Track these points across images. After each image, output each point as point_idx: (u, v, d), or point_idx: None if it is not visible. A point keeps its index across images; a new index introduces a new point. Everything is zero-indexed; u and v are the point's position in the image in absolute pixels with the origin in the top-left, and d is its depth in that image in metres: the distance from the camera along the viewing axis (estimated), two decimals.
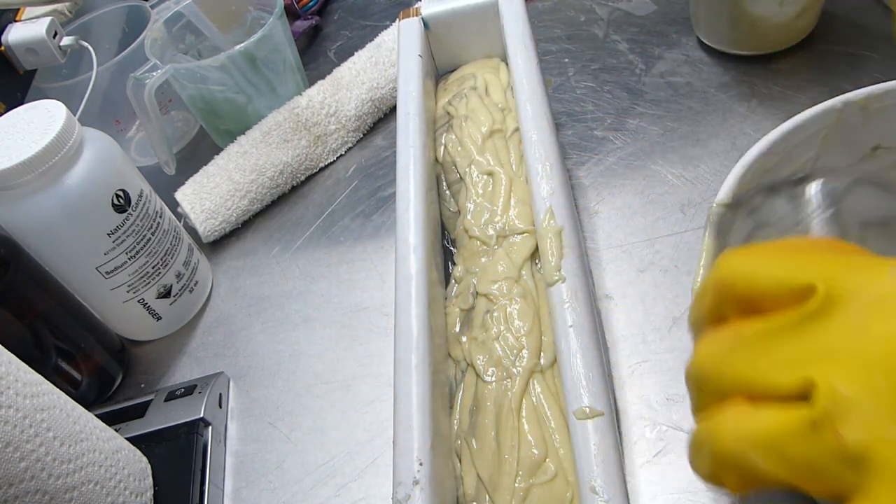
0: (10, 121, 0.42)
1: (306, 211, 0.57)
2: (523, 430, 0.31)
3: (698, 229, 0.45)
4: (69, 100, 0.48)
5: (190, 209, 0.55)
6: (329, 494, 0.40)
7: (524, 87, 0.42)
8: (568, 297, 0.32)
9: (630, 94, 0.56)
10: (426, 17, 0.49)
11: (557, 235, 0.34)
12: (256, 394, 0.46)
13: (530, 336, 0.33)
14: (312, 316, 0.49)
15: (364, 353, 0.46)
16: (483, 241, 0.38)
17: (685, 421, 0.37)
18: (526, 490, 0.29)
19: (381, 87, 0.61)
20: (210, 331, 0.51)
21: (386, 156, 0.59)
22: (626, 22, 0.63)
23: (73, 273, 0.45)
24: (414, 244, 0.36)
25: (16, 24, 0.54)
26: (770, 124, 0.50)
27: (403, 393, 0.31)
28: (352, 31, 0.74)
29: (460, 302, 0.37)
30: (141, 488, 0.38)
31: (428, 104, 0.45)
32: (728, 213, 0.32)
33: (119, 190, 0.44)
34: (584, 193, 0.50)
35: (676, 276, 0.44)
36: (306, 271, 0.53)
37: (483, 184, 0.41)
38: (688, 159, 0.50)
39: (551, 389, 0.32)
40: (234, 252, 0.56)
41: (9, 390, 0.31)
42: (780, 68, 0.54)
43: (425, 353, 0.32)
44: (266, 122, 0.59)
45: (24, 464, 0.31)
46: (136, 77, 0.55)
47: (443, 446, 0.31)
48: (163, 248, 0.47)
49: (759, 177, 0.33)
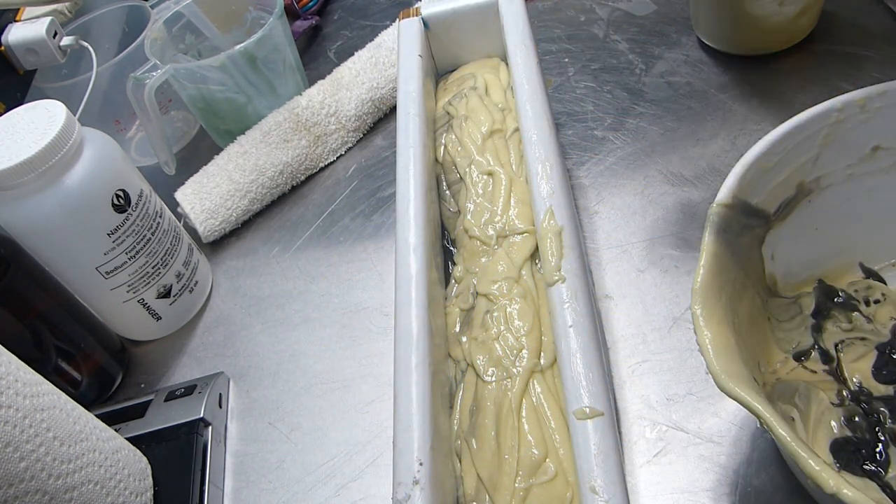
0: (10, 121, 0.42)
1: (306, 211, 0.57)
2: (523, 430, 0.31)
3: (698, 229, 0.45)
4: (69, 100, 0.48)
5: (190, 209, 0.55)
6: (329, 494, 0.40)
7: (524, 87, 0.42)
8: (568, 297, 0.32)
9: (630, 94, 0.56)
10: (426, 17, 0.49)
11: (557, 235, 0.34)
12: (256, 394, 0.46)
13: (530, 336, 0.33)
14: (312, 316, 0.49)
15: (364, 353, 0.46)
16: (483, 241, 0.38)
17: (685, 421, 0.37)
18: (526, 490, 0.29)
19: (381, 87, 0.61)
20: (210, 331, 0.51)
21: (386, 156, 0.59)
22: (626, 22, 0.63)
23: (73, 273, 0.45)
24: (414, 244, 0.36)
25: (16, 24, 0.54)
26: (770, 124, 0.50)
27: (403, 393, 0.31)
28: (352, 31, 0.74)
29: (460, 302, 0.37)
30: (141, 488, 0.38)
31: (428, 104, 0.45)
32: (728, 212, 0.32)
33: (119, 190, 0.44)
34: (584, 193, 0.50)
35: (676, 276, 0.44)
36: (306, 271, 0.53)
37: (483, 184, 0.41)
38: (688, 159, 0.50)
39: (551, 389, 0.32)
40: (234, 252, 0.56)
41: (9, 390, 0.31)
42: (780, 68, 0.54)
43: (425, 353, 0.32)
44: (266, 122, 0.59)
45: (24, 464, 0.31)
46: (136, 77, 0.55)
47: (443, 446, 0.31)
48: (163, 248, 0.47)
49: (759, 177, 0.33)
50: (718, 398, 0.37)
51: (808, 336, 0.35)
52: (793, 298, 0.37)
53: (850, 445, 0.31)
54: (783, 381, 0.33)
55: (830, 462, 0.30)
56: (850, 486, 0.23)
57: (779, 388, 0.33)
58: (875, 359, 0.34)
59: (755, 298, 0.34)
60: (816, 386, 0.33)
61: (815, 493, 0.30)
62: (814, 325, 0.36)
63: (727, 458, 0.35)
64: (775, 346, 0.35)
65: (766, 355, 0.34)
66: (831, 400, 0.32)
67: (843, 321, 0.36)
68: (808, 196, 0.36)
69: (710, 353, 0.27)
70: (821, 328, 0.36)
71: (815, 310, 0.36)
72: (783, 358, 0.35)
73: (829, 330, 0.36)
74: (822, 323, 0.36)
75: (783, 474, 0.34)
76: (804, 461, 0.24)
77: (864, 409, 0.32)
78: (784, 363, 0.35)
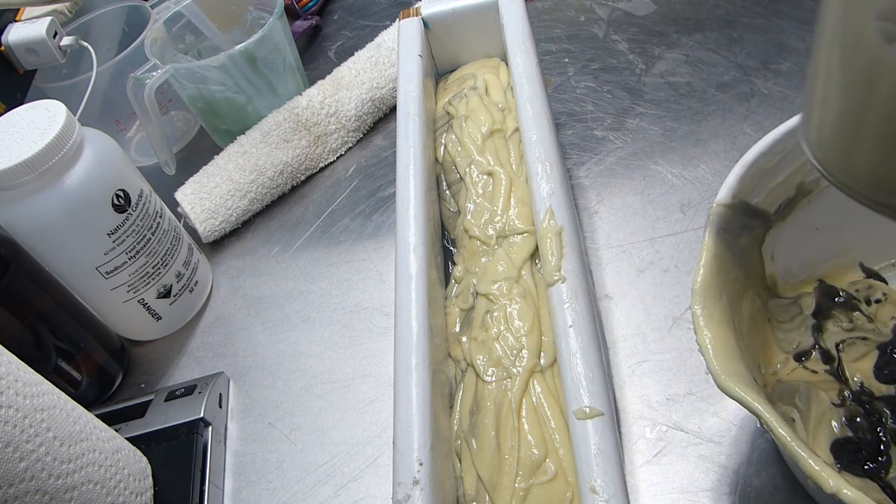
0: (10, 121, 0.42)
1: (306, 211, 0.57)
2: (523, 431, 0.31)
3: (698, 229, 0.45)
4: (69, 100, 0.48)
5: (190, 209, 0.55)
6: (329, 494, 0.40)
7: (524, 87, 0.42)
8: (568, 297, 0.32)
9: (630, 94, 0.56)
10: (426, 17, 0.49)
11: (557, 235, 0.34)
12: (256, 394, 0.46)
13: (530, 336, 0.33)
14: (312, 316, 0.49)
15: (364, 353, 0.46)
16: (483, 241, 0.38)
17: (685, 421, 0.37)
18: (526, 490, 0.29)
19: (381, 87, 0.61)
20: (210, 331, 0.51)
21: (386, 156, 0.59)
22: (626, 22, 0.63)
23: (73, 273, 0.45)
24: (414, 244, 0.36)
25: (16, 24, 0.54)
26: (770, 124, 0.49)
27: (403, 393, 0.31)
28: (352, 31, 0.74)
29: (460, 302, 0.37)
30: (141, 488, 0.38)
31: (428, 104, 0.45)
32: (728, 212, 0.32)
33: (119, 190, 0.44)
34: (584, 193, 0.50)
35: (676, 276, 0.43)
36: (306, 271, 0.53)
37: (483, 184, 0.41)
38: (688, 159, 0.50)
39: (551, 389, 0.32)
40: (234, 252, 0.56)
41: (9, 390, 0.31)
42: (780, 68, 0.54)
43: (425, 353, 0.32)
44: (266, 122, 0.59)
45: (24, 464, 0.31)
46: (136, 77, 0.55)
47: (443, 446, 0.31)
48: (163, 248, 0.47)
49: (758, 177, 0.33)
50: (718, 398, 0.37)
51: (809, 336, 0.35)
52: (793, 299, 0.37)
53: (851, 446, 0.31)
54: (784, 382, 0.33)
55: (831, 462, 0.30)
56: (850, 486, 0.23)
57: (779, 388, 0.33)
58: (876, 358, 0.34)
59: (755, 299, 0.34)
60: (817, 386, 0.33)
61: (815, 493, 0.30)
62: (814, 325, 0.36)
63: (727, 458, 0.35)
64: (776, 346, 0.35)
65: (766, 356, 0.34)
66: (832, 400, 0.32)
67: (844, 321, 0.36)
68: (808, 196, 0.36)
69: (710, 353, 0.27)
70: (821, 328, 0.36)
71: (815, 310, 0.36)
72: (784, 359, 0.35)
73: (829, 330, 0.36)
74: (823, 323, 0.36)
75: (783, 474, 0.34)
76: (804, 461, 0.24)
77: (866, 409, 0.32)
78: (785, 364, 0.35)
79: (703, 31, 0.60)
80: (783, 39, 0.57)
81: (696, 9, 0.62)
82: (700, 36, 0.59)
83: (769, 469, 0.35)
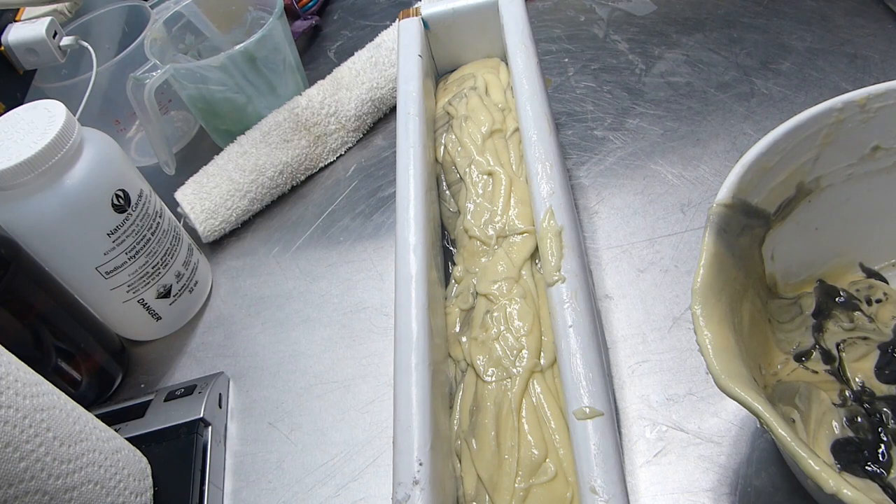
0: (10, 121, 0.42)
1: (306, 211, 0.57)
2: (523, 431, 0.31)
3: (698, 229, 0.45)
4: (69, 100, 0.48)
5: (190, 209, 0.55)
6: (329, 494, 0.40)
7: (524, 87, 0.42)
8: (568, 297, 0.32)
9: (630, 94, 0.56)
10: (426, 17, 0.49)
11: (557, 235, 0.34)
12: (256, 394, 0.46)
13: (530, 336, 0.33)
14: (312, 316, 0.49)
15: (364, 353, 0.46)
16: (483, 241, 0.38)
17: (685, 421, 0.37)
18: (526, 490, 0.29)
19: (381, 87, 0.61)
20: (210, 331, 0.51)
21: (386, 156, 0.59)
22: (626, 22, 0.63)
23: (73, 273, 0.45)
24: (414, 244, 0.36)
25: (16, 24, 0.54)
26: (770, 124, 0.50)
27: (403, 393, 0.31)
28: (352, 31, 0.74)
29: (460, 302, 0.37)
30: (141, 488, 0.38)
31: (428, 104, 0.45)
32: (728, 212, 0.32)
33: (119, 190, 0.44)
34: (584, 193, 0.50)
35: (676, 276, 0.43)
36: (306, 271, 0.53)
37: (483, 184, 0.41)
38: (688, 159, 0.50)
39: (551, 389, 0.32)
40: (234, 252, 0.56)
41: (9, 390, 0.31)
42: (780, 68, 0.54)
43: (425, 353, 0.32)
44: (266, 122, 0.59)
45: (24, 464, 0.31)
46: (136, 77, 0.55)
47: (443, 446, 0.31)
48: (163, 248, 0.47)
49: (759, 177, 0.33)
50: (718, 398, 0.37)
51: (809, 336, 0.35)
52: (793, 299, 0.37)
53: (851, 446, 0.31)
54: (784, 383, 0.33)
55: (831, 463, 0.30)
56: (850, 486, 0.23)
57: (779, 389, 0.33)
58: (877, 358, 0.34)
59: (755, 300, 0.34)
60: (818, 386, 0.33)
61: (815, 493, 0.30)
62: (815, 326, 0.36)
63: (727, 458, 0.35)
64: (776, 347, 0.35)
65: (766, 357, 0.34)
66: (833, 400, 0.32)
67: (845, 321, 0.36)
68: (808, 196, 0.36)
69: (710, 353, 0.27)
70: (822, 328, 0.36)
71: (815, 310, 0.36)
72: (784, 359, 0.35)
73: (830, 330, 0.36)
74: (823, 323, 0.36)
75: (783, 474, 0.34)
76: (804, 461, 0.24)
77: (867, 410, 0.32)
78: (785, 364, 0.35)
79: (703, 31, 0.60)
80: (783, 39, 0.57)
81: (696, 9, 0.62)
82: (700, 36, 0.59)
83: (769, 469, 0.35)
